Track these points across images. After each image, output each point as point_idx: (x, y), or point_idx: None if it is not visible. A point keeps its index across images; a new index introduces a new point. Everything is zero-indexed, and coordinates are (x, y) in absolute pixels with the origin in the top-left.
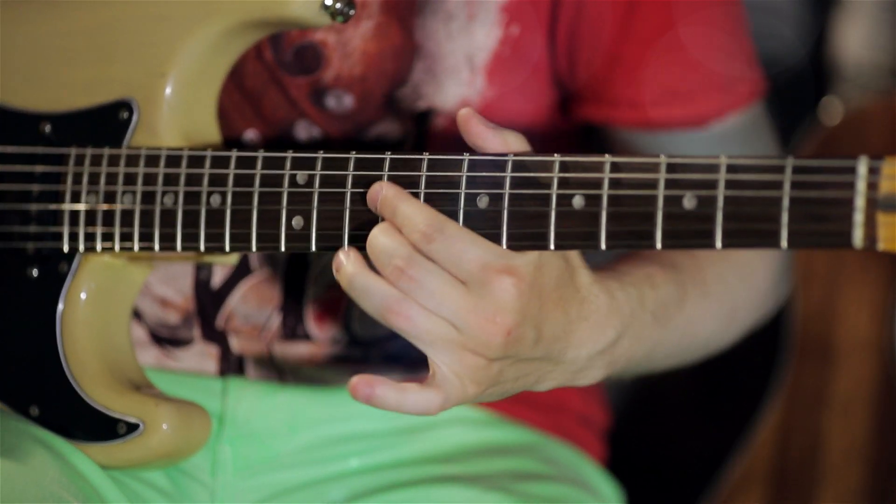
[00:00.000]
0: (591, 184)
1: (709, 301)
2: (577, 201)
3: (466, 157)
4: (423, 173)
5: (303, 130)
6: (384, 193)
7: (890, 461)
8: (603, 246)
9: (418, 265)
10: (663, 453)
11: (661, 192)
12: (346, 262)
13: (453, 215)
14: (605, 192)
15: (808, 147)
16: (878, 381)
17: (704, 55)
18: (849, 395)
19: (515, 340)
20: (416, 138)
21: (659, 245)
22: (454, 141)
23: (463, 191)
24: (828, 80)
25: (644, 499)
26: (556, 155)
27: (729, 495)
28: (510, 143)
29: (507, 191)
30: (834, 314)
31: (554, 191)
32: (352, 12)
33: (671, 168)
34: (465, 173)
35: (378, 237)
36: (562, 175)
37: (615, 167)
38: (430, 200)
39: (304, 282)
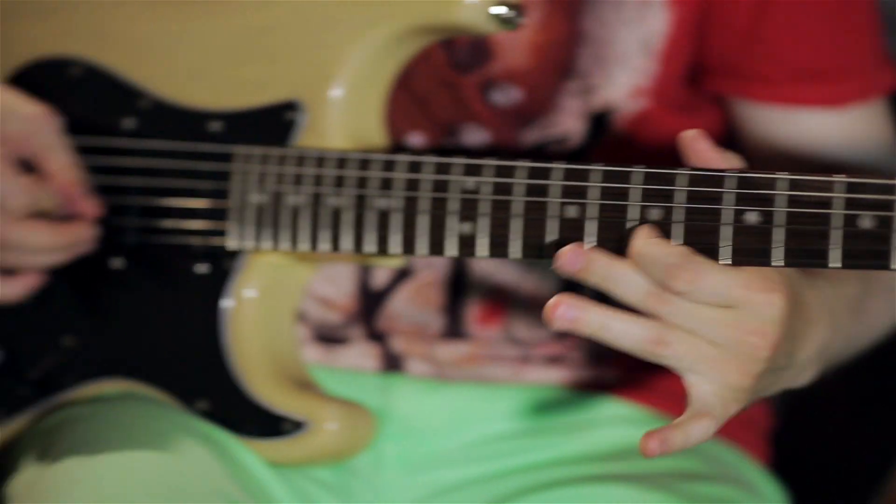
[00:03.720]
0: (766, 200)
1: (890, 293)
2: (752, 217)
3: (640, 168)
4: (596, 184)
5: (470, 133)
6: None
7: None
8: (775, 263)
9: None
10: (829, 454)
11: (837, 212)
12: (586, 314)
13: (622, 226)
14: (781, 208)
15: None
16: None
17: (844, 37)
18: None
19: (778, 353)
20: (588, 139)
21: (836, 264)
22: (629, 145)
23: (638, 203)
24: None
25: (811, 501)
26: (731, 171)
27: None
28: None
29: (683, 204)
30: None
31: (728, 205)
32: (521, 20)
33: (850, 187)
34: (640, 185)
35: (623, 268)
36: (739, 191)
37: (793, 185)
38: (599, 211)
39: (466, 284)
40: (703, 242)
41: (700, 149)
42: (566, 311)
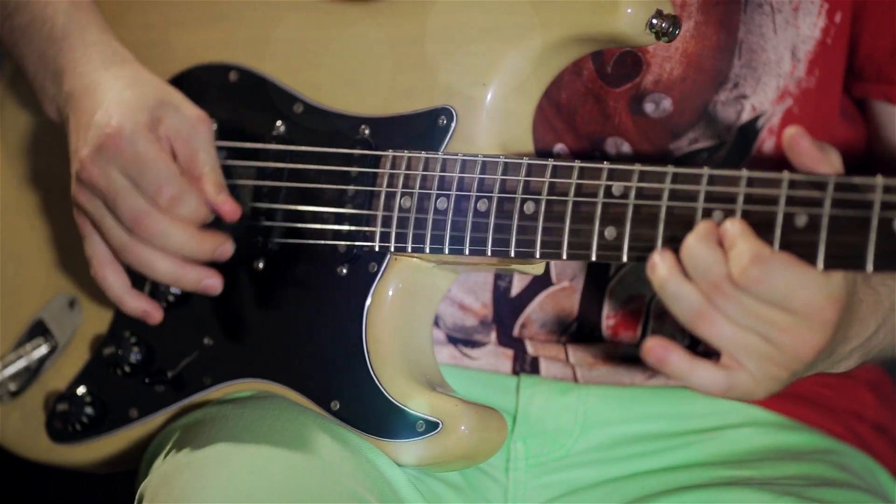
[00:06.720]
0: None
1: None
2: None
3: (786, 175)
4: (742, 190)
5: (612, 146)
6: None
7: None
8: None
9: (735, 286)
10: None
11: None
12: (661, 264)
13: (770, 231)
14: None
15: None
16: None
17: None
18: None
19: (822, 353)
20: (734, 148)
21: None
22: (776, 156)
23: (781, 209)
24: None
25: None
26: (878, 176)
27: None
28: (835, 163)
29: (826, 211)
30: None
31: (876, 212)
32: (677, 32)
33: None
34: (784, 191)
35: (696, 247)
36: (886, 197)
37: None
38: (746, 217)
39: (602, 293)
40: (847, 248)
41: (802, 146)
42: (654, 255)
